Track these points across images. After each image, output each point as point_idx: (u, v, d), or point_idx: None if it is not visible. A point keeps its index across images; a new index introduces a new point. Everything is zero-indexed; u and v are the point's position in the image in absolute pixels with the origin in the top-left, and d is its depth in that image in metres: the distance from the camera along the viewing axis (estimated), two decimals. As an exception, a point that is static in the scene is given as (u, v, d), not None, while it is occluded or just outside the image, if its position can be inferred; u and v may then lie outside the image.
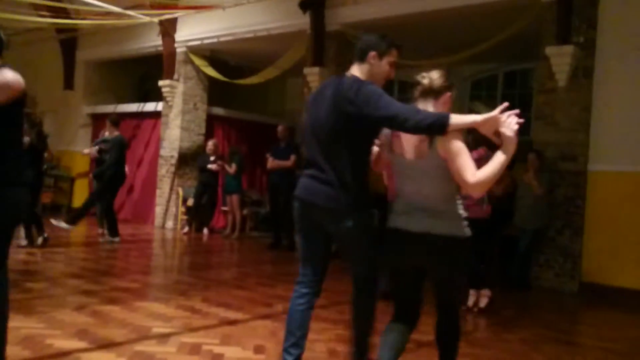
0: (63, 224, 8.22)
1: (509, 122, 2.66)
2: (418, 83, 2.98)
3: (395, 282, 3.06)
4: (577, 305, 6.54)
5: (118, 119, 8.96)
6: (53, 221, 8.10)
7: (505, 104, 2.69)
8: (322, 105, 3.10)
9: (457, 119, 2.68)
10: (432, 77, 2.94)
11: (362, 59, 3.12)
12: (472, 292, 5.55)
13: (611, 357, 4.30)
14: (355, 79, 3.05)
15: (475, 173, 2.69)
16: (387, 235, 2.98)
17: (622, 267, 6.69)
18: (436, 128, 2.69)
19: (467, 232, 2.84)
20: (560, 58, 6.97)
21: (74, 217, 8.54)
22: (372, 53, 3.08)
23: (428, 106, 2.89)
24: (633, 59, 6.74)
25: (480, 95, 11.34)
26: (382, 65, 3.09)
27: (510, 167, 7.33)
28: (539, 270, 7.15)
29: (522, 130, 3.01)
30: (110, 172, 8.35)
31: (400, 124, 2.78)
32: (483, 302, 5.50)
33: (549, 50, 7.03)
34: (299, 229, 3.32)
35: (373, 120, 2.89)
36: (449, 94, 2.93)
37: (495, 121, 2.68)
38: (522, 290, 6.87)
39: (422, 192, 2.86)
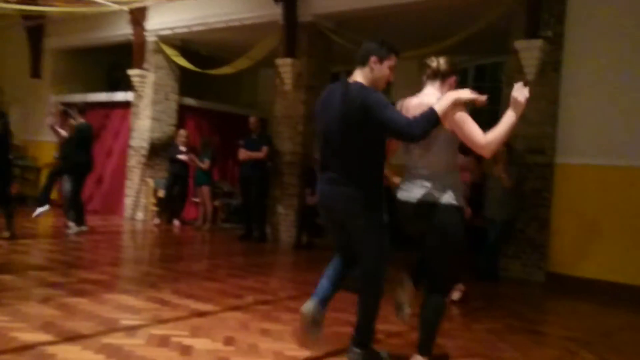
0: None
1: (522, 90, 3.20)
2: (427, 66, 3.37)
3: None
4: (543, 296, 6.67)
5: (85, 107, 8.81)
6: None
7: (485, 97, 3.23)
8: (331, 112, 3.34)
9: (441, 106, 3.10)
10: (440, 61, 3.36)
11: (364, 64, 3.34)
12: None
13: (575, 346, 4.39)
14: (361, 86, 3.28)
15: (485, 135, 3.08)
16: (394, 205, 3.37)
17: (587, 259, 6.84)
18: (434, 125, 3.09)
19: (462, 202, 3.23)
20: (529, 52, 7.07)
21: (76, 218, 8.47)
22: (374, 58, 3.31)
23: (435, 87, 3.34)
24: (600, 54, 6.87)
25: (451, 89, 11.43)
26: (383, 69, 3.33)
27: (479, 159, 7.46)
28: (507, 261, 7.28)
29: (492, 124, 3.34)
30: (72, 161, 8.27)
31: (405, 137, 3.17)
32: (456, 296, 5.56)
33: (518, 44, 7.12)
34: (327, 228, 3.77)
35: (380, 126, 3.19)
36: (454, 77, 3.38)
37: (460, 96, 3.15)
38: (490, 281, 6.97)
39: (426, 162, 3.25)
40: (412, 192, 3.28)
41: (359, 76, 3.34)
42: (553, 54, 7.08)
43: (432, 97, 3.28)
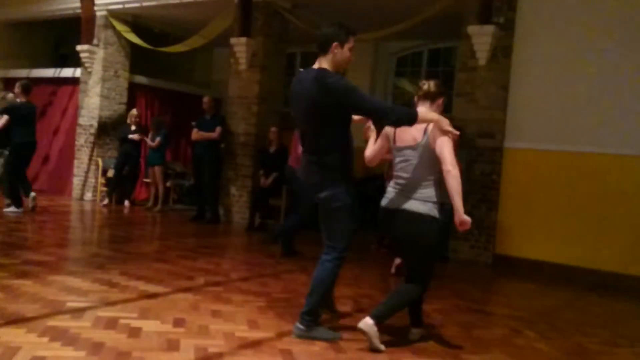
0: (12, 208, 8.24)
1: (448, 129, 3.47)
2: (419, 88, 3.71)
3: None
4: (490, 276, 6.86)
5: (29, 85, 8.50)
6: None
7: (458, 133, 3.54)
8: (301, 100, 3.59)
9: (427, 116, 3.48)
10: (430, 84, 3.69)
11: (325, 50, 3.57)
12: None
13: (519, 324, 4.54)
14: (326, 72, 3.52)
15: (454, 165, 3.46)
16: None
17: (533, 241, 7.06)
18: (408, 122, 3.42)
19: (436, 214, 3.59)
20: (481, 37, 7.18)
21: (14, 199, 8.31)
22: (335, 44, 3.54)
23: (425, 107, 3.64)
24: (549, 41, 7.04)
25: (405, 72, 11.53)
26: (344, 53, 3.57)
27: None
28: (456, 243, 7.44)
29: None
30: (15, 142, 8.12)
31: (381, 117, 3.47)
32: (393, 269, 6.06)
33: (471, 29, 7.22)
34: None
35: (354, 110, 3.57)
36: (442, 99, 3.71)
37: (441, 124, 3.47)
38: (440, 262, 7.11)
39: (407, 175, 3.59)
40: (391, 199, 3.65)
41: (323, 62, 3.58)
42: (504, 40, 7.21)
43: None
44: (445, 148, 3.45)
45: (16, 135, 8.10)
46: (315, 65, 3.62)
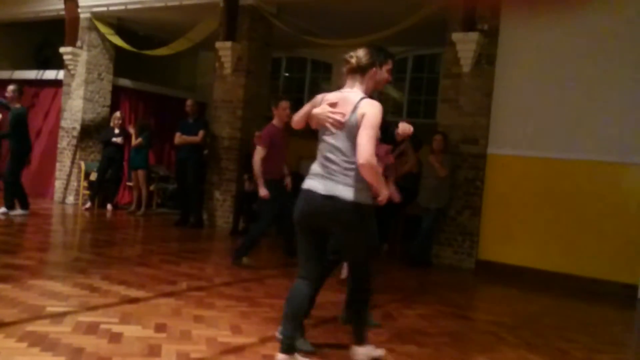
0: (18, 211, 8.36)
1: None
2: (346, 62, 3.24)
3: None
4: (473, 282, 6.89)
5: (23, 89, 8.61)
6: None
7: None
8: None
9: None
10: (359, 55, 3.22)
11: (364, 71, 3.29)
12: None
13: (501, 330, 4.56)
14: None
15: (368, 155, 2.95)
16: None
17: (515, 246, 7.11)
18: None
19: (363, 199, 3.10)
20: (465, 44, 7.24)
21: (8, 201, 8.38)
22: (373, 70, 3.30)
23: (355, 82, 3.22)
24: (532, 49, 7.11)
25: (390, 78, 11.56)
26: (382, 74, 3.40)
27: (416, 148, 7.61)
28: (439, 248, 7.47)
29: (428, 114, 3.51)
30: (17, 148, 8.29)
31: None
32: (344, 274, 5.52)
33: (455, 36, 7.27)
34: None
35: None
36: (374, 69, 3.24)
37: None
38: (423, 268, 7.14)
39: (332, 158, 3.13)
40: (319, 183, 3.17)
41: (357, 85, 3.26)
42: (488, 47, 7.27)
43: (353, 93, 3.18)
44: (367, 132, 3.01)
45: (19, 141, 8.29)
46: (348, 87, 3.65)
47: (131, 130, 10.07)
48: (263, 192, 6.04)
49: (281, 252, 7.03)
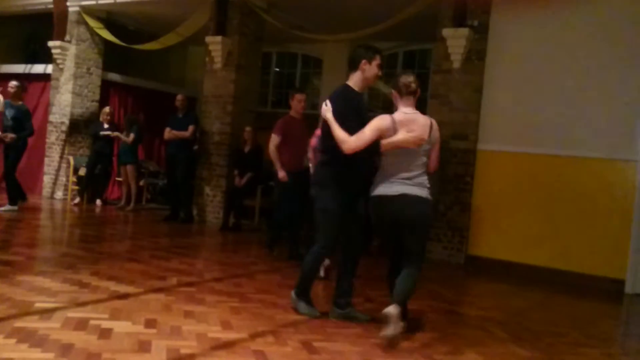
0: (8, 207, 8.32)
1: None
2: (407, 85, 3.90)
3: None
4: (463, 277, 6.92)
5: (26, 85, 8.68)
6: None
7: None
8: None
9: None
10: (414, 81, 3.91)
11: (355, 67, 4.09)
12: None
13: (491, 325, 4.59)
14: (339, 90, 4.15)
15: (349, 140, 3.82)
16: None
17: (505, 242, 7.15)
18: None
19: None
20: (455, 40, 7.25)
21: (12, 197, 8.44)
22: (364, 61, 4.04)
23: (409, 103, 3.92)
24: (522, 45, 7.13)
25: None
26: (372, 69, 4.07)
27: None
28: (429, 244, 7.47)
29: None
30: (23, 143, 8.46)
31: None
32: (322, 271, 5.43)
33: (446, 32, 7.29)
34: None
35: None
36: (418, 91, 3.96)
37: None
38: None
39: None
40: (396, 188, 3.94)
41: (350, 80, 4.13)
42: (478, 43, 7.29)
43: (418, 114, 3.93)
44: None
45: (26, 137, 8.46)
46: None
47: (124, 138, 9.96)
48: (282, 173, 6.20)
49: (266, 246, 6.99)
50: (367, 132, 3.80)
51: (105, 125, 9.95)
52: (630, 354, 4.43)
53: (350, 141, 3.80)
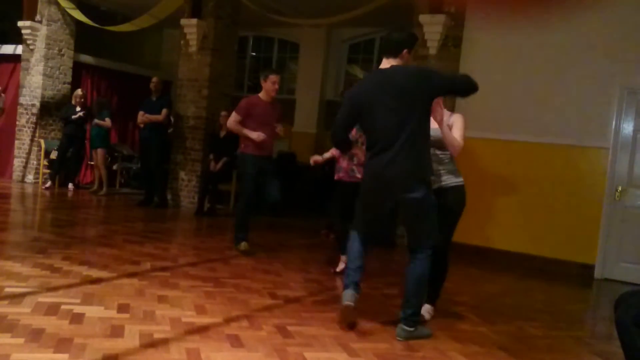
0: None
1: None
2: None
3: None
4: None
5: None
6: None
7: None
8: (395, 97, 3.66)
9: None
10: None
11: (396, 55, 3.74)
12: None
13: (463, 309, 4.65)
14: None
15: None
16: None
17: (477, 228, 7.22)
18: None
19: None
20: (432, 27, 7.26)
21: None
22: (406, 50, 3.75)
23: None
24: (498, 32, 7.16)
25: (357, 59, 11.57)
26: (410, 59, 3.83)
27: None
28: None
29: None
30: None
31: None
32: (340, 267, 5.50)
33: (422, 18, 7.28)
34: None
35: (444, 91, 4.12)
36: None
37: None
38: (387, 248, 7.19)
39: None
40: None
41: (394, 63, 3.74)
42: (455, 30, 7.31)
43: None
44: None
45: None
46: (386, 65, 3.74)
47: (102, 123, 9.68)
48: (254, 134, 5.77)
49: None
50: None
51: (78, 108, 9.77)
52: (599, 337, 4.54)
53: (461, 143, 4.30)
